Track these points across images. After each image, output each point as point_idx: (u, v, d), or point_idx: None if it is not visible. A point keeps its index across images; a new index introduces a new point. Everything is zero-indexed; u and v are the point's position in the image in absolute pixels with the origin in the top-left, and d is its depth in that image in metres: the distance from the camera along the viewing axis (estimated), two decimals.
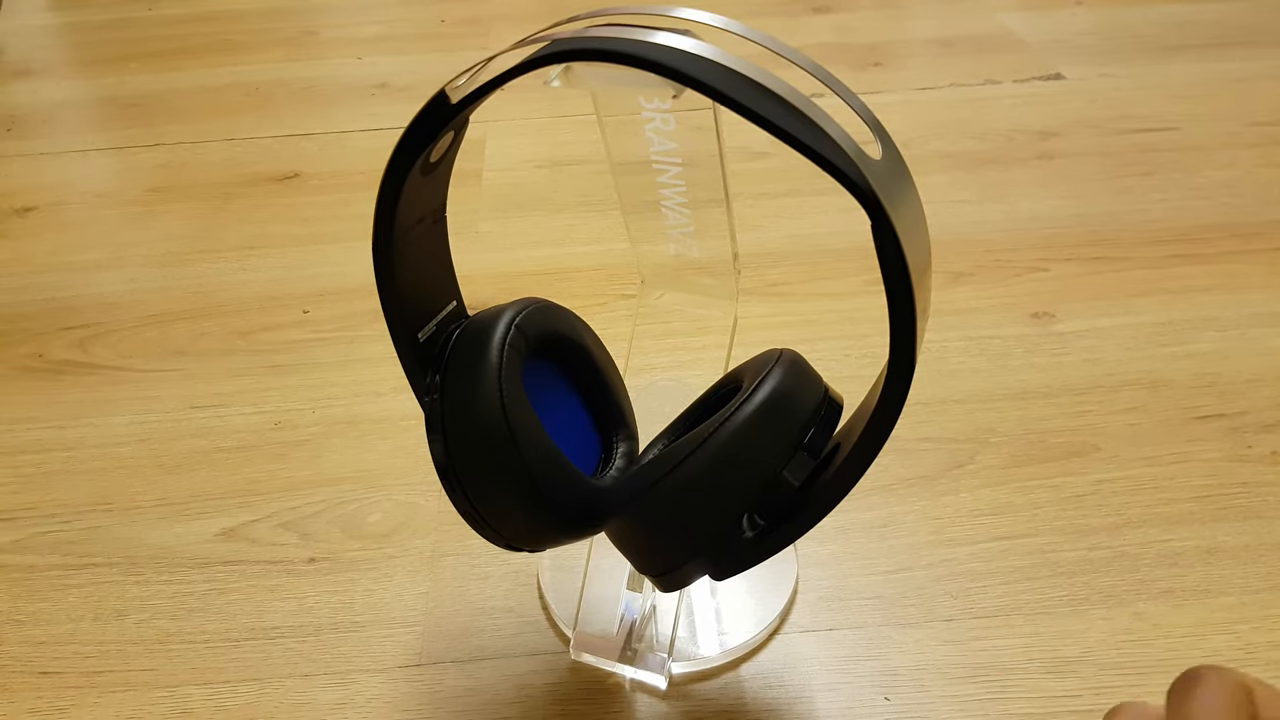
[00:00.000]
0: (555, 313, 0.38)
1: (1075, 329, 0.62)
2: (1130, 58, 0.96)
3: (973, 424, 0.56)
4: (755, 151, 0.81)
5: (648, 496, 0.34)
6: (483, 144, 0.86)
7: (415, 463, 0.55)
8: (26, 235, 0.77)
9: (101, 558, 0.50)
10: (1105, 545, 0.48)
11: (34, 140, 0.91)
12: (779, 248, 0.71)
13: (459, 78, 0.30)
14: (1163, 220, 0.72)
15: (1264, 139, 0.81)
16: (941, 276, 0.67)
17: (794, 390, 0.35)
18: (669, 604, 0.43)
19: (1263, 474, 0.52)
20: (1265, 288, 0.65)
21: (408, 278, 0.35)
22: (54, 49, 1.13)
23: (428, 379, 0.36)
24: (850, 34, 1.04)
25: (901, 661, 0.44)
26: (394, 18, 1.14)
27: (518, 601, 0.47)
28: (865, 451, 0.32)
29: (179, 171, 0.85)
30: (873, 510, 0.51)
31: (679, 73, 0.27)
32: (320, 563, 0.50)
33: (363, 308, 0.67)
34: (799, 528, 0.35)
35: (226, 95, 0.98)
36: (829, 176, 0.27)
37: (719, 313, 0.44)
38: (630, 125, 0.36)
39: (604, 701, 0.43)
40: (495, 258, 0.72)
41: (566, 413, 0.39)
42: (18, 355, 0.65)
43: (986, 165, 0.80)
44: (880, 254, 0.27)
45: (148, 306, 0.69)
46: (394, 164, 0.32)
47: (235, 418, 0.59)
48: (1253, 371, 0.58)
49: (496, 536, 0.36)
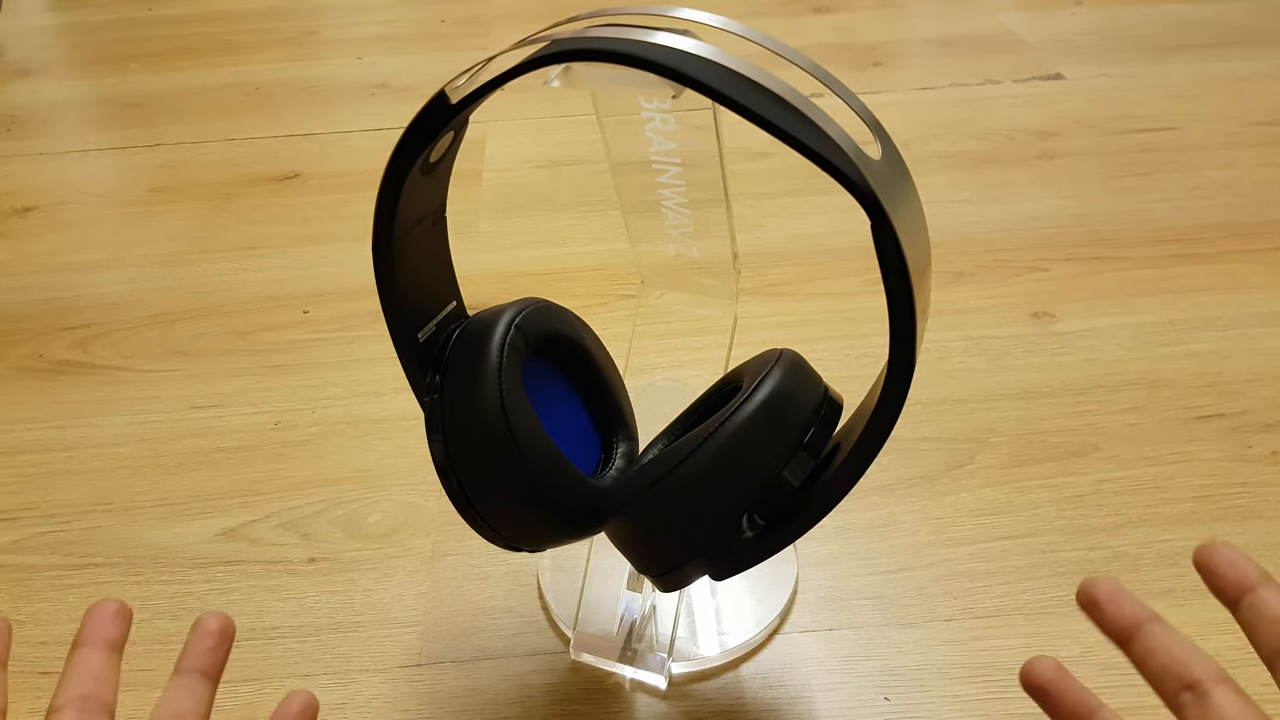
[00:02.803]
0: (555, 313, 0.38)
1: (1075, 329, 0.62)
2: (1130, 58, 0.96)
3: (973, 424, 0.56)
4: (755, 151, 0.81)
5: (648, 496, 0.34)
6: (483, 144, 0.86)
7: (415, 463, 0.55)
8: (26, 235, 0.77)
9: (101, 558, 0.50)
10: (1105, 545, 0.48)
11: (34, 140, 0.91)
12: (779, 248, 0.71)
13: (459, 78, 0.30)
14: (1163, 220, 0.72)
15: (1264, 139, 0.81)
16: (941, 276, 0.67)
17: (794, 390, 0.35)
18: (669, 604, 0.43)
19: (1263, 474, 0.52)
20: (1265, 288, 0.65)
21: (408, 278, 0.35)
22: (54, 49, 1.13)
23: (428, 379, 0.36)
24: (850, 34, 1.04)
25: (901, 661, 0.44)
26: (394, 18, 1.14)
27: (518, 601, 0.47)
28: (865, 451, 0.32)
29: (179, 171, 0.85)
30: (873, 510, 0.51)
31: (679, 73, 0.27)
32: (320, 563, 0.50)
33: (363, 308, 0.67)
34: (799, 528, 0.35)
35: (226, 95, 0.98)
36: (829, 176, 0.27)
37: (719, 313, 0.44)
38: (630, 125, 0.36)
39: (604, 701, 0.43)
40: (495, 258, 0.72)
41: (566, 413, 0.39)
42: (18, 355, 0.65)
43: (986, 165, 0.80)
44: (880, 254, 0.27)
45: (148, 306, 0.69)
46: (394, 164, 0.32)
47: (235, 418, 0.59)
48: (1253, 371, 0.58)
49: (496, 536, 0.36)
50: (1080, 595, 0.29)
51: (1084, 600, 0.29)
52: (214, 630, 0.31)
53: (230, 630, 0.32)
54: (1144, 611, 0.29)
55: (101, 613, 0.30)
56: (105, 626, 0.30)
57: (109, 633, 0.30)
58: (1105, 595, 0.29)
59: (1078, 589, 0.29)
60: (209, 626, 0.31)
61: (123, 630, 0.30)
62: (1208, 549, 0.29)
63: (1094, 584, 0.29)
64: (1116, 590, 0.29)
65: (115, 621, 0.30)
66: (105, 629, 0.30)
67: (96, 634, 0.30)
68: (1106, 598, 0.29)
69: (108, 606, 0.30)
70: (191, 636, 0.31)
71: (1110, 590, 0.29)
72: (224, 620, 0.32)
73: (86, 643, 0.29)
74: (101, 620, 0.30)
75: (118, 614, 0.30)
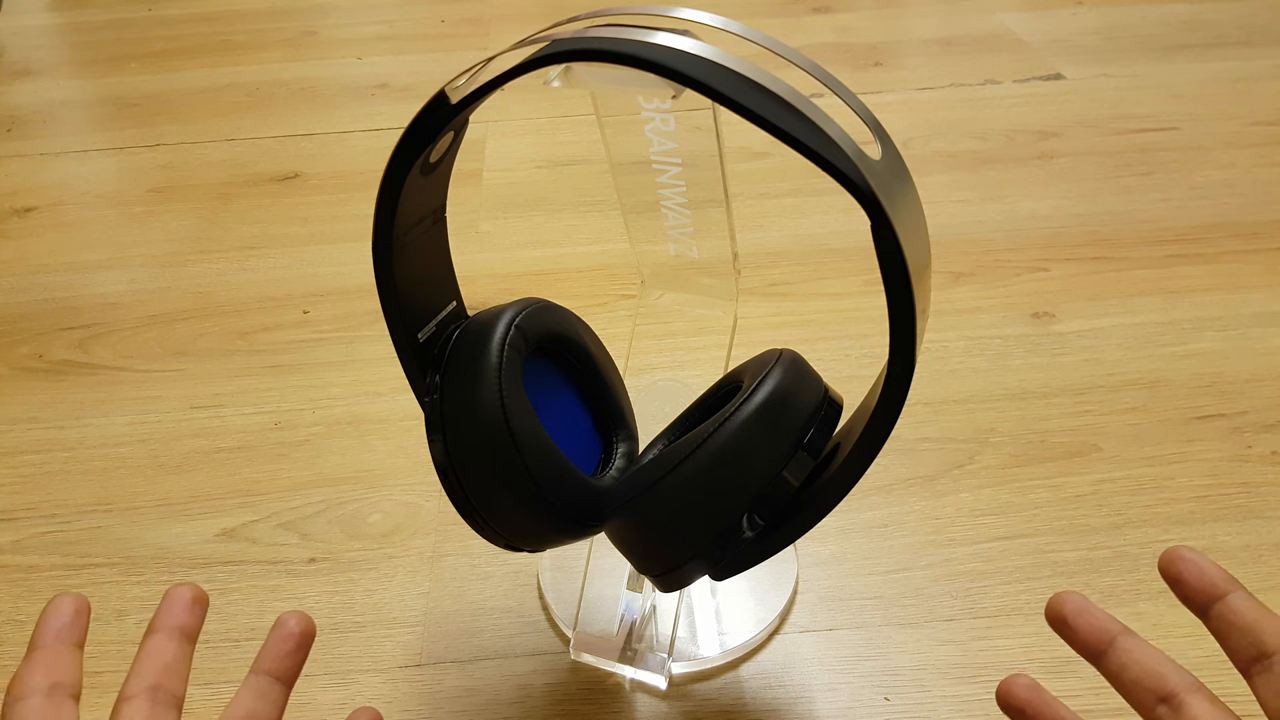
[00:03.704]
0: (555, 313, 0.38)
1: (1075, 329, 0.62)
2: (1130, 58, 0.96)
3: (973, 424, 0.56)
4: (755, 151, 0.81)
5: (648, 496, 0.34)
6: (483, 144, 0.86)
7: (415, 463, 0.55)
8: (26, 235, 0.77)
9: (101, 558, 0.50)
10: (1105, 545, 0.48)
11: (34, 140, 0.91)
12: (779, 248, 0.71)
13: (459, 78, 0.30)
14: (1163, 220, 0.72)
15: (1264, 139, 0.81)
16: (941, 276, 0.67)
17: (794, 390, 0.35)
18: (669, 604, 0.43)
19: (1263, 474, 0.52)
20: (1265, 288, 0.65)
21: (408, 278, 0.35)
22: (54, 49, 1.13)
23: (428, 379, 0.36)
24: (850, 34, 1.04)
25: (902, 661, 0.44)
26: (394, 18, 1.14)
27: (518, 601, 0.47)
28: (865, 451, 0.32)
29: (179, 171, 0.85)
30: (873, 510, 0.51)
31: (679, 73, 0.27)
32: (320, 563, 0.50)
33: (363, 308, 0.67)
34: (799, 528, 0.35)
35: (226, 95, 0.98)
36: (829, 176, 0.27)
37: (719, 313, 0.44)
38: (630, 125, 0.36)
39: (604, 701, 0.43)
40: (495, 258, 0.72)
41: (566, 413, 0.39)
42: (18, 355, 0.65)
43: (986, 165, 0.80)
44: (880, 254, 0.27)
45: (148, 306, 0.69)
46: (394, 164, 0.32)
47: (235, 418, 0.59)
48: (1253, 371, 0.58)
49: (496, 536, 0.36)
50: (1049, 613, 0.29)
51: (1052, 617, 0.29)
52: (295, 633, 0.30)
53: (311, 632, 0.30)
54: (1114, 625, 0.28)
55: (177, 598, 0.29)
56: (180, 613, 0.29)
57: (183, 620, 0.29)
58: (1073, 611, 0.29)
59: (1046, 606, 0.29)
60: (290, 628, 0.30)
61: (198, 618, 0.29)
62: (1173, 558, 0.28)
63: (1062, 600, 0.29)
64: (1085, 605, 0.29)
65: (191, 609, 0.29)
66: (179, 615, 0.29)
67: (171, 620, 0.29)
68: (1075, 613, 0.28)
69: (184, 592, 0.29)
70: (271, 636, 0.30)
71: (1078, 606, 0.29)
72: (305, 622, 0.30)
73: (160, 628, 0.28)
74: (176, 607, 0.29)
75: (194, 601, 0.29)
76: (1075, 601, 0.29)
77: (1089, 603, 0.29)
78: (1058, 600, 0.29)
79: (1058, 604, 0.29)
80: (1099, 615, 0.29)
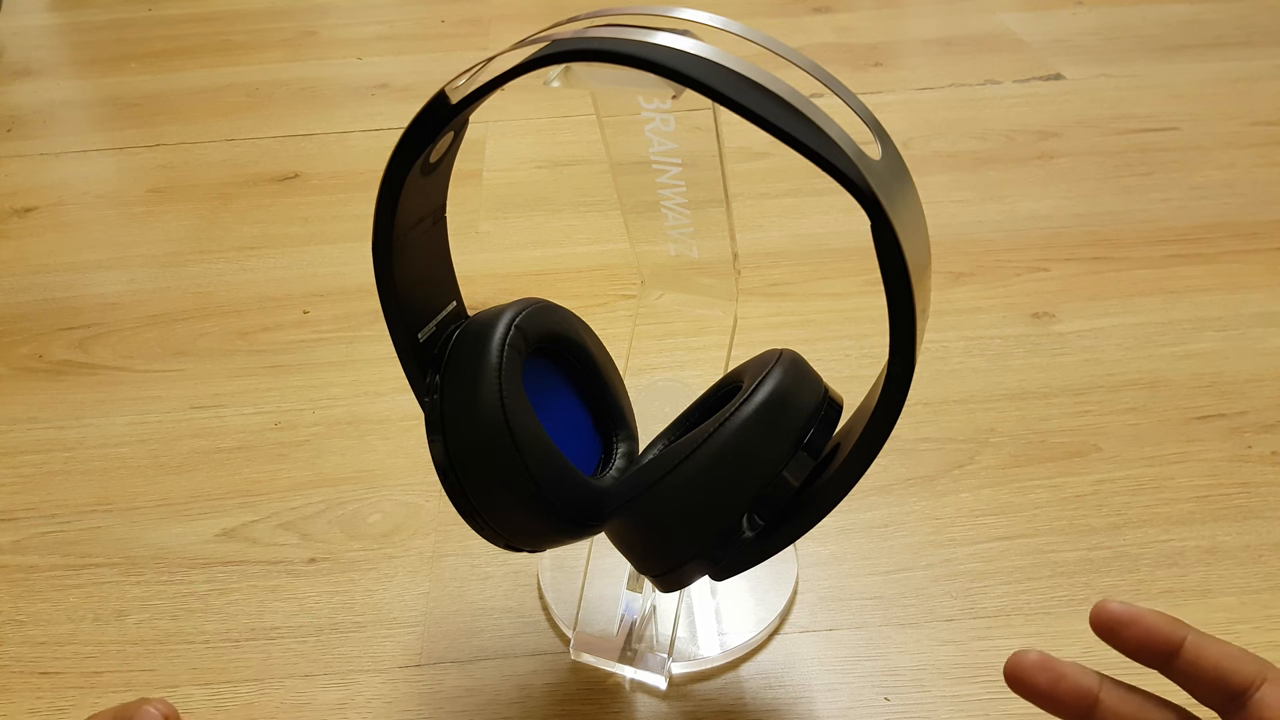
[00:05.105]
0: (555, 313, 0.38)
1: (1075, 329, 0.62)
2: (1130, 58, 0.96)
3: (973, 424, 0.56)
4: (755, 151, 0.81)
5: (647, 496, 0.34)
6: (483, 144, 0.86)
7: (415, 463, 0.55)
8: (26, 235, 0.77)
9: (101, 558, 0.50)
10: (1105, 545, 0.48)
11: (34, 140, 0.91)
12: (779, 248, 0.71)
13: (459, 78, 0.30)
14: (1163, 220, 0.72)
15: (1264, 139, 0.81)
16: (941, 276, 0.67)
17: (794, 390, 0.35)
18: (669, 604, 0.43)
19: (1263, 474, 0.52)
20: (1265, 288, 0.65)
21: (408, 278, 0.35)
22: (54, 49, 1.13)
23: (428, 379, 0.36)
24: (850, 34, 1.04)
25: (902, 662, 0.44)
26: (394, 18, 1.14)
27: (518, 601, 0.47)
28: (865, 451, 0.32)
29: (179, 171, 0.85)
30: (873, 510, 0.51)
31: (679, 73, 0.27)
32: (320, 563, 0.50)
33: (363, 308, 0.67)
34: (799, 528, 0.35)
35: (226, 95, 0.98)
36: (829, 176, 0.27)
37: (719, 313, 0.44)
38: (630, 125, 0.36)
39: (604, 701, 0.43)
40: (495, 258, 0.72)
41: (566, 413, 0.39)
42: (18, 355, 0.65)
43: (986, 165, 0.80)
44: (880, 254, 0.27)
45: (148, 306, 0.69)
46: (394, 164, 0.32)
47: (235, 418, 0.59)
48: (1253, 371, 0.58)
49: (496, 536, 0.36)
50: (1096, 621, 0.28)
51: (1102, 625, 0.28)
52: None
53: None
54: (1172, 626, 0.28)
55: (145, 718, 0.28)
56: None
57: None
58: (1127, 618, 0.28)
59: (1092, 614, 0.28)
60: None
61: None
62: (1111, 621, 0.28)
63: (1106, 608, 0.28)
64: (1138, 611, 0.28)
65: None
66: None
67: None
68: (1129, 619, 0.28)
69: (152, 713, 0.28)
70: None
71: (1131, 611, 0.28)
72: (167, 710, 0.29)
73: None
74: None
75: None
76: (1123, 610, 0.28)
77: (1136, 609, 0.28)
78: (1103, 609, 0.28)
79: (1104, 612, 0.28)
80: (1152, 617, 0.28)
